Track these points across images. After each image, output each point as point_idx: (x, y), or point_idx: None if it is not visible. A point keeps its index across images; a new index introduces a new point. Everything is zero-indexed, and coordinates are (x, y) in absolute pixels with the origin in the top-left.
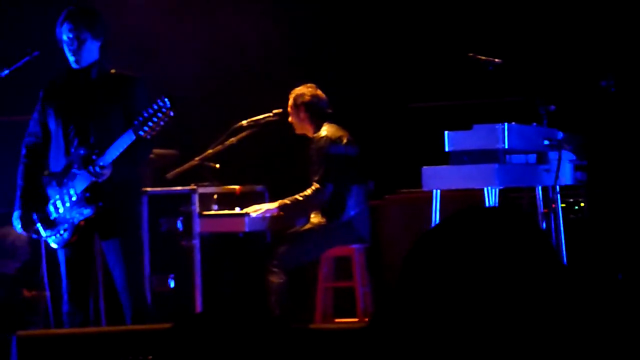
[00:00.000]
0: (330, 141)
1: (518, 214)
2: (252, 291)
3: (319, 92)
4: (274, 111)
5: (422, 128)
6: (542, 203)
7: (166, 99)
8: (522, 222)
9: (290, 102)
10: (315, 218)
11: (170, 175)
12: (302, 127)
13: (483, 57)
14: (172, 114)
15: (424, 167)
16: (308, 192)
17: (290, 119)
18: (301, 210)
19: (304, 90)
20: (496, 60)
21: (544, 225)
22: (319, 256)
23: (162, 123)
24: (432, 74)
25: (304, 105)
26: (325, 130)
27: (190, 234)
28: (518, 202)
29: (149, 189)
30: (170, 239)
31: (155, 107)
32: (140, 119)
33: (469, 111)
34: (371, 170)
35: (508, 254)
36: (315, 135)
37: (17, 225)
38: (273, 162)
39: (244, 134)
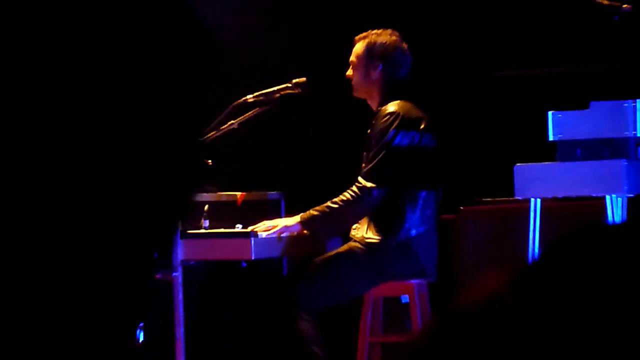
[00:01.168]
0: (401, 121)
1: None
2: (260, 347)
3: (406, 46)
4: (295, 81)
5: (512, 106)
6: None
7: None
8: None
9: (360, 48)
10: (357, 233)
11: None
12: (367, 91)
13: (606, 1)
14: None
15: (517, 165)
16: (350, 194)
17: (350, 72)
18: (337, 223)
19: (386, 38)
20: (624, 6)
21: None
22: (361, 295)
23: None
24: (526, 27)
25: (382, 61)
26: (396, 105)
27: (168, 263)
28: None
29: None
30: None
31: None
32: None
33: (582, 82)
34: (442, 170)
35: None
36: (382, 108)
37: None
38: (292, 156)
39: (249, 114)
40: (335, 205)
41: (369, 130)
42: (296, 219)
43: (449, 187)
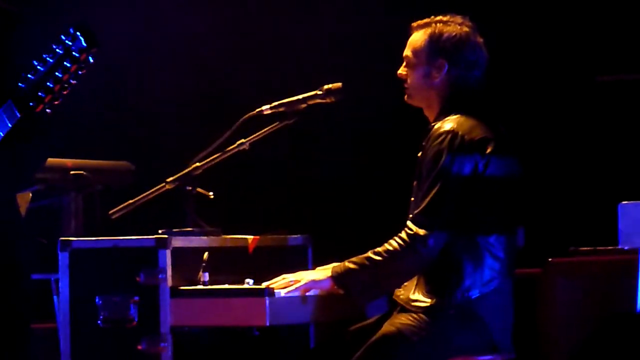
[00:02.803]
0: (458, 143)
1: None
2: None
3: (482, 41)
4: (326, 87)
5: (620, 122)
6: None
7: (77, 33)
8: None
9: (421, 41)
10: (403, 292)
11: (116, 211)
12: (425, 97)
13: None
14: (90, 58)
15: (623, 203)
16: (397, 243)
17: (403, 70)
18: (380, 281)
19: (456, 29)
20: None
21: None
22: None
23: (72, 80)
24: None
25: (448, 59)
26: (454, 122)
27: (154, 330)
28: None
29: (72, 238)
30: (115, 339)
31: (58, 50)
32: (30, 76)
33: None
34: (522, 206)
35: None
36: (436, 125)
37: None
38: (321, 188)
39: (264, 131)
40: (378, 258)
41: (419, 154)
42: (326, 272)
43: (534, 231)
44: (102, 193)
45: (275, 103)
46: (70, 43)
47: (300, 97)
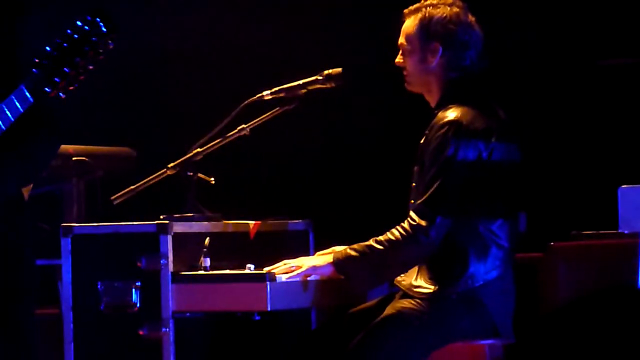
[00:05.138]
0: (462, 132)
1: None
2: None
3: (474, 20)
4: (326, 72)
5: (622, 107)
6: None
7: (97, 19)
8: None
9: (412, 27)
10: (404, 279)
11: (118, 197)
12: (424, 82)
13: None
14: (110, 44)
15: (623, 187)
16: (399, 232)
17: (399, 58)
18: (381, 270)
19: (445, 10)
20: None
21: None
22: None
23: (90, 66)
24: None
25: (441, 42)
26: (457, 111)
27: (156, 316)
28: None
29: (74, 224)
30: (116, 324)
31: (75, 35)
32: (45, 62)
33: None
34: (523, 192)
35: None
36: (439, 114)
37: None
38: (322, 172)
39: (265, 116)
40: (380, 247)
41: (421, 140)
42: (328, 258)
43: (535, 215)
44: (104, 179)
45: (276, 88)
46: (88, 28)
47: (300, 82)
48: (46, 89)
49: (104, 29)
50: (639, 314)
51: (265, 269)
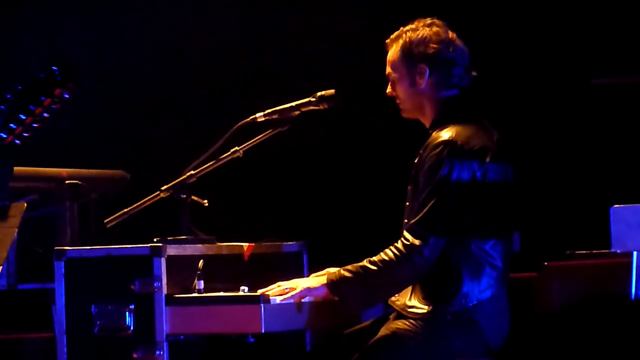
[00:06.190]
0: (457, 152)
1: None
2: None
3: (454, 36)
4: (319, 93)
5: (616, 126)
6: None
7: (53, 67)
8: None
9: (395, 54)
10: (398, 298)
11: (111, 220)
12: (418, 106)
13: None
14: (65, 94)
15: (615, 207)
16: (393, 252)
17: (389, 89)
18: (375, 291)
19: (425, 31)
20: None
21: None
22: None
23: (45, 114)
24: (631, 22)
25: (426, 62)
26: (452, 131)
27: (150, 339)
28: None
29: (67, 247)
30: (110, 347)
31: (32, 82)
32: (2, 107)
33: None
34: (517, 211)
35: None
36: (433, 134)
37: None
38: (316, 195)
39: (258, 138)
40: (374, 267)
41: (415, 160)
42: (322, 279)
43: (529, 235)
44: (97, 202)
45: (269, 110)
46: (45, 77)
47: (293, 104)
48: (2, 134)
49: (59, 79)
50: (633, 324)
51: (260, 291)
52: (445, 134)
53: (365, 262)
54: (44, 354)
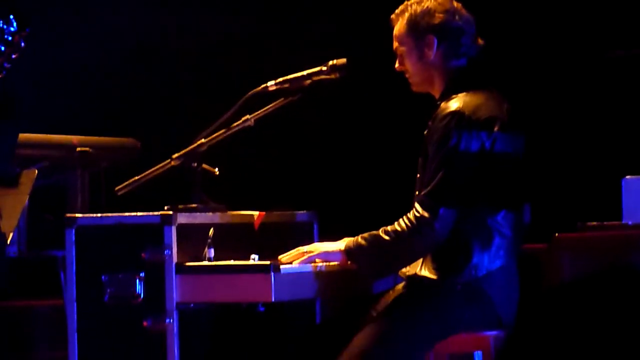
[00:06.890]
0: (465, 123)
1: None
2: None
3: (460, 6)
4: (331, 62)
5: (629, 98)
6: None
7: (10, 16)
8: None
9: (401, 28)
10: (408, 269)
11: (122, 188)
12: (428, 79)
13: None
14: (22, 42)
15: (627, 177)
16: (405, 224)
17: (397, 65)
18: (388, 260)
19: (429, 2)
20: None
21: None
22: (423, 355)
23: (6, 64)
24: None
25: (434, 33)
26: (459, 101)
27: (160, 307)
28: None
29: (77, 214)
30: (120, 315)
31: None
32: None
33: None
34: (529, 183)
35: None
36: (442, 104)
37: None
38: (328, 163)
39: (269, 107)
40: (387, 237)
41: (425, 132)
42: (339, 245)
43: (540, 206)
44: (108, 170)
45: (280, 79)
46: (3, 26)
47: (304, 73)
48: None
49: (15, 27)
50: None
51: (280, 257)
52: (453, 104)
53: (380, 232)
54: (54, 322)
